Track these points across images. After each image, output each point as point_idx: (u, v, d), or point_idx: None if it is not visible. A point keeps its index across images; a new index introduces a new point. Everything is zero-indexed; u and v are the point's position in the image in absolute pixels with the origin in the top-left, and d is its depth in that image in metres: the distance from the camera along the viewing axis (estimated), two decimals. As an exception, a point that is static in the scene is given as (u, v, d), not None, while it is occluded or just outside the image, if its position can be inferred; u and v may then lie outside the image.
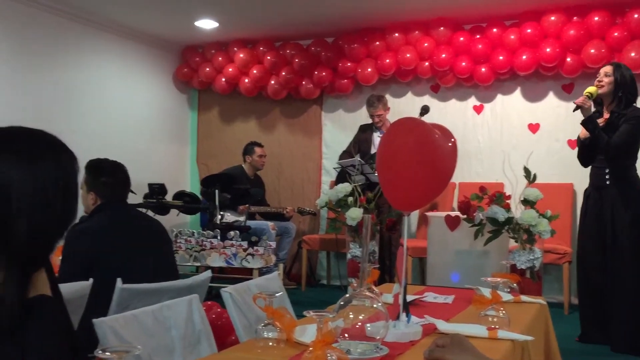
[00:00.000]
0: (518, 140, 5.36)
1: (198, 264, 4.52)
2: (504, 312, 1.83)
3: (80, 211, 2.72)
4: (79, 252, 2.34)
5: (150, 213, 4.42)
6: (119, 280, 2.23)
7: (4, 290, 1.07)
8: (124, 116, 5.84)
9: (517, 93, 5.43)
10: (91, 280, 2.20)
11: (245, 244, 4.47)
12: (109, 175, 2.52)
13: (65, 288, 1.67)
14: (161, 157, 6.33)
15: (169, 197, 5.37)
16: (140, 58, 6.08)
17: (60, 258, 2.39)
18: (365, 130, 5.31)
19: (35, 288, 1.12)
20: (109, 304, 2.21)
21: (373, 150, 5.10)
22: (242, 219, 5.33)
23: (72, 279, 2.17)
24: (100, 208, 2.50)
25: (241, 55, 6.06)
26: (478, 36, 5.37)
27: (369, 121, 5.34)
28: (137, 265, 2.41)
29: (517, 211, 3.33)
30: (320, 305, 1.40)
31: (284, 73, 5.95)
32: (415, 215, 5.45)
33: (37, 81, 4.97)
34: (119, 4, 5.12)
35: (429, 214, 4.24)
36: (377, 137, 5.21)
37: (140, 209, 3.66)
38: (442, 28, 5.40)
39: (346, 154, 5.21)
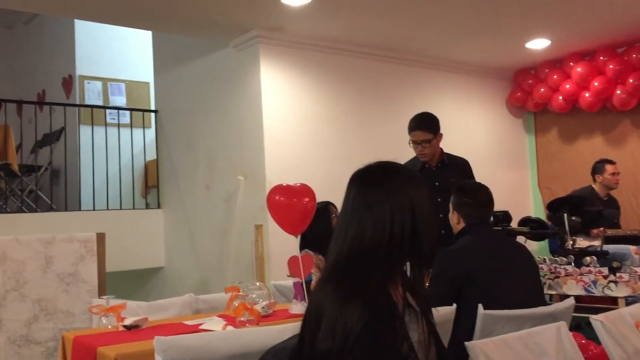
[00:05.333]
0: None
1: (553, 292, 4.30)
2: None
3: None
4: (446, 273, 2.46)
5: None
6: (480, 307, 2.27)
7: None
8: (464, 147, 5.98)
9: None
10: (454, 305, 2.29)
11: (605, 270, 4.09)
12: (471, 196, 2.62)
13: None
14: (502, 184, 6.29)
15: (513, 224, 5.28)
16: (474, 89, 6.23)
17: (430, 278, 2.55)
18: None
19: None
20: (473, 326, 2.26)
21: None
22: (597, 243, 4.90)
23: (440, 299, 2.30)
24: (465, 231, 2.60)
25: (579, 69, 5.69)
26: None
27: None
28: (502, 288, 2.42)
29: None
30: None
31: (631, 80, 5.36)
32: None
33: (383, 124, 5.50)
34: (454, 43, 5.38)
35: None
36: None
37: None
38: None
39: None
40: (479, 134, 6.24)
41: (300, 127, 5.02)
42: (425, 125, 3.51)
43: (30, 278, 3.51)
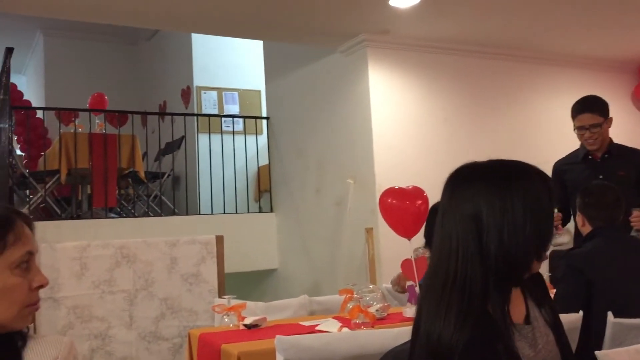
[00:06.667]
0: None
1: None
2: None
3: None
4: (574, 274, 2.35)
5: None
6: (609, 314, 2.14)
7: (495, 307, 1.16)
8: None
9: None
10: (581, 312, 2.18)
11: None
12: (595, 197, 2.50)
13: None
14: (627, 185, 5.88)
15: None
16: (595, 84, 5.85)
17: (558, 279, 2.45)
18: None
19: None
20: (602, 334, 2.14)
21: None
22: None
23: (567, 300, 2.21)
24: (593, 234, 2.48)
25: None
26: None
27: None
28: (635, 295, 2.27)
29: None
30: None
31: None
32: None
33: (495, 124, 5.33)
34: (574, 37, 5.11)
35: None
36: None
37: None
38: None
39: None
40: (601, 131, 5.87)
41: (410, 130, 4.99)
42: (595, 107, 3.18)
43: (157, 278, 3.75)
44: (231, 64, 7.45)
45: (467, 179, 1.24)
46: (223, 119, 6.63)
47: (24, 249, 1.11)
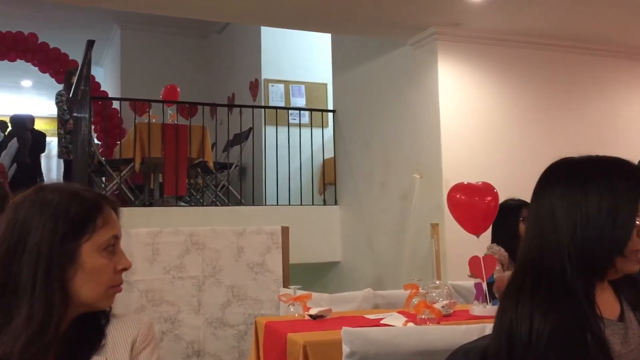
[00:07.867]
0: None
1: None
2: None
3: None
4: None
5: None
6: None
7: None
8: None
9: None
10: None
11: None
12: None
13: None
14: None
15: None
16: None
17: None
18: None
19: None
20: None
21: None
22: None
23: None
24: None
25: None
26: None
27: None
28: None
29: None
30: None
31: None
32: None
33: (570, 119, 5.14)
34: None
35: None
36: None
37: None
38: None
39: None
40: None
41: (480, 125, 4.88)
42: None
43: (224, 266, 3.84)
44: (298, 57, 7.51)
45: (551, 174, 1.27)
46: (290, 111, 6.70)
47: (110, 232, 1.17)
